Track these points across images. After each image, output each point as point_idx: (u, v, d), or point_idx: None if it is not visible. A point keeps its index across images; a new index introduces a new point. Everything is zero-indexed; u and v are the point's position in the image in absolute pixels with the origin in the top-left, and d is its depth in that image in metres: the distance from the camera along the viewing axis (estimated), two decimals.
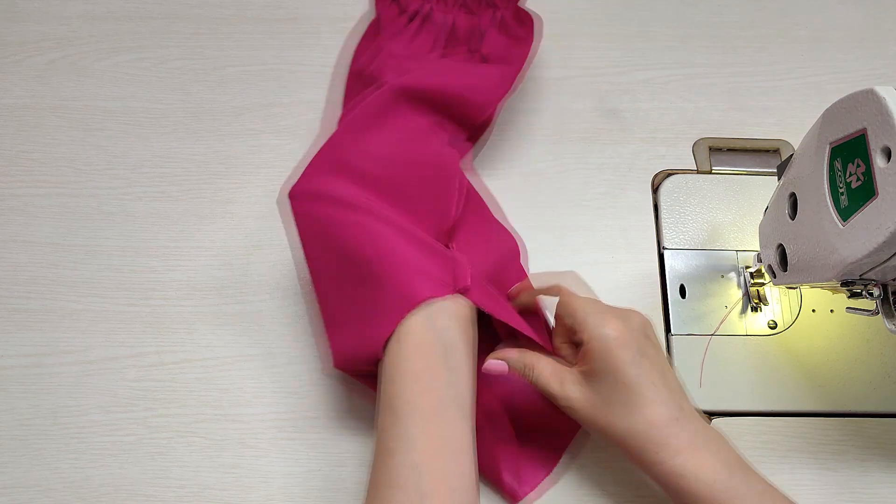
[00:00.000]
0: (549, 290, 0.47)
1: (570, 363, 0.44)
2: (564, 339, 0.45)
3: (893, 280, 0.40)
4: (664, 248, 0.56)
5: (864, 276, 0.39)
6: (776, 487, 0.41)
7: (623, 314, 0.43)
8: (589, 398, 0.42)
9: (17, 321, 0.53)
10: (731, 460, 0.41)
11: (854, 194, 0.37)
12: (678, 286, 0.55)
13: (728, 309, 0.54)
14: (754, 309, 0.54)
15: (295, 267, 0.55)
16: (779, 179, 0.47)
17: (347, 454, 0.50)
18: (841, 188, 0.38)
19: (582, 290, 0.49)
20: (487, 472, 0.48)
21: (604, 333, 0.42)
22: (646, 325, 0.44)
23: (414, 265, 0.43)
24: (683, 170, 0.59)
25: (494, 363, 0.45)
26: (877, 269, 0.38)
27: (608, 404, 0.42)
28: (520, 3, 0.59)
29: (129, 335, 0.53)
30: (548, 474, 0.49)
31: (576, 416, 0.43)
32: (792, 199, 0.44)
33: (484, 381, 0.46)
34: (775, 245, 0.47)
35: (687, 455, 0.40)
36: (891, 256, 0.36)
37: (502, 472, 0.48)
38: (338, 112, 0.58)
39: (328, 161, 0.48)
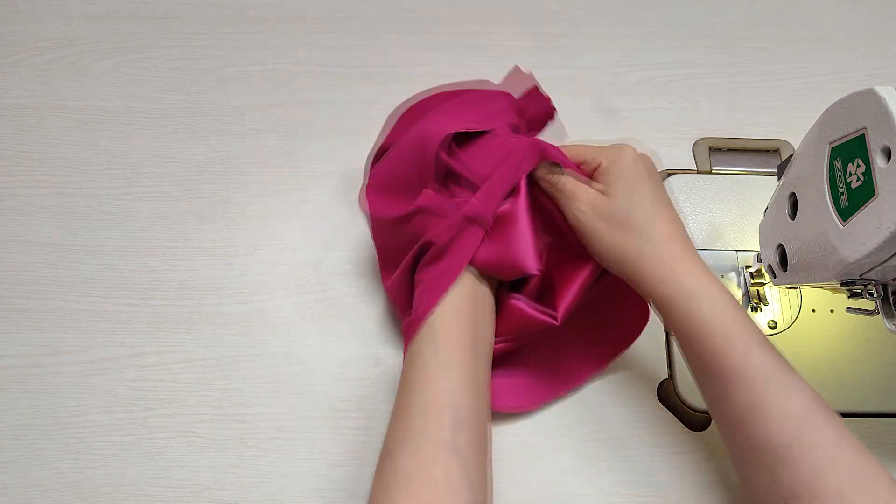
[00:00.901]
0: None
1: None
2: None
3: (893, 280, 0.40)
4: None
5: (864, 276, 0.39)
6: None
7: (629, 146, 0.45)
8: (605, 210, 0.43)
9: (17, 321, 0.53)
10: (740, 306, 0.41)
11: (854, 194, 0.37)
12: None
13: None
14: (754, 309, 0.54)
15: (295, 267, 0.55)
16: (779, 179, 0.47)
17: (347, 454, 0.50)
18: (841, 188, 0.38)
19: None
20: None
21: (622, 154, 0.44)
22: (648, 159, 0.46)
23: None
24: (683, 170, 0.59)
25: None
26: (877, 269, 0.38)
27: (624, 222, 0.43)
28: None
29: (129, 335, 0.53)
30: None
31: (588, 233, 0.44)
32: (792, 199, 0.44)
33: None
34: (775, 245, 0.47)
35: (701, 277, 0.41)
36: (891, 256, 0.36)
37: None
38: None
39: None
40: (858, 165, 0.37)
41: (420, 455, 0.38)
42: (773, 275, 0.48)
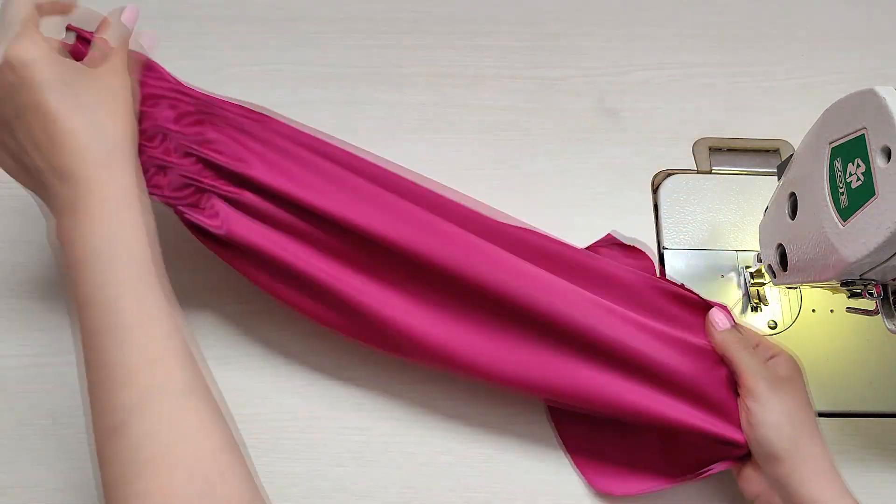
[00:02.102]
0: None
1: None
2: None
3: (893, 280, 0.40)
4: (664, 248, 0.56)
5: (864, 276, 0.39)
6: None
7: (780, 385, 0.44)
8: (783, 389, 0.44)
9: (17, 321, 0.53)
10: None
11: (854, 194, 0.37)
12: None
13: None
14: (754, 309, 0.54)
15: None
16: (779, 179, 0.47)
17: (347, 454, 0.50)
18: (841, 188, 0.38)
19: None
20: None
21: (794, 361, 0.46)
22: (795, 377, 0.46)
23: None
24: (683, 170, 0.59)
25: (720, 317, 0.47)
26: (877, 269, 0.38)
27: (801, 415, 0.44)
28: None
29: None
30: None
31: (764, 399, 0.44)
32: (792, 199, 0.44)
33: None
34: (775, 245, 0.47)
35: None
36: (891, 256, 0.36)
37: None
38: None
39: None
40: (858, 165, 0.37)
41: (164, 413, 0.34)
42: (773, 275, 0.48)
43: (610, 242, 0.55)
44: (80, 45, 0.43)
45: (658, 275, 0.54)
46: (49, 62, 0.38)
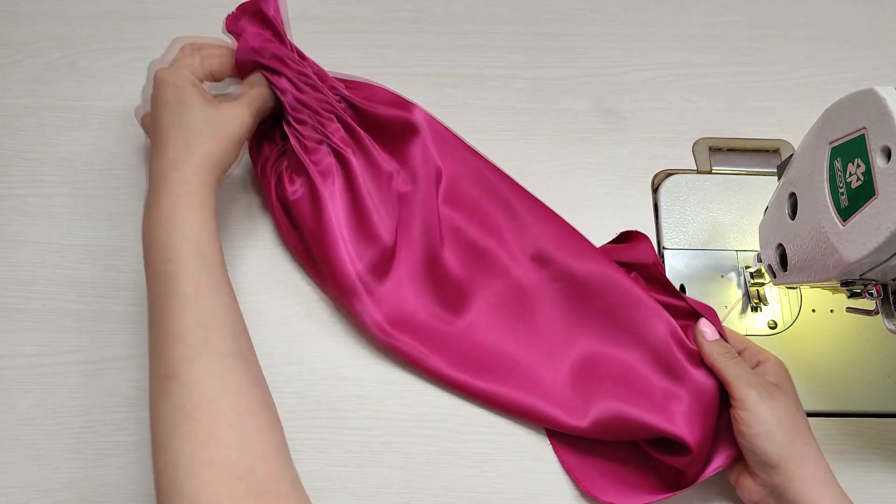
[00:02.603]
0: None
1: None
2: None
3: (893, 280, 0.40)
4: (664, 248, 0.56)
5: (864, 276, 0.39)
6: None
7: (770, 392, 0.45)
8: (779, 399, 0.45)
9: (17, 321, 0.53)
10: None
11: (854, 194, 0.37)
12: (678, 286, 0.55)
13: (728, 309, 0.54)
14: (754, 309, 0.54)
15: (294, 267, 0.55)
16: (779, 179, 0.47)
17: (347, 454, 0.50)
18: (841, 188, 0.38)
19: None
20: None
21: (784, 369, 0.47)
22: (784, 385, 0.46)
23: None
24: (683, 170, 0.59)
25: (708, 328, 0.48)
26: (877, 269, 0.38)
27: (792, 420, 0.44)
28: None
29: (129, 335, 0.53)
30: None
31: (757, 410, 0.44)
32: (792, 199, 0.44)
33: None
34: (775, 245, 0.47)
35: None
36: (891, 256, 0.36)
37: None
38: None
39: None
40: (858, 165, 0.37)
41: (211, 368, 0.39)
42: (773, 275, 0.48)
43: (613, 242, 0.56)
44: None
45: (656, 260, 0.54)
46: (176, 88, 0.47)
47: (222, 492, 0.35)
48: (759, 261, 0.52)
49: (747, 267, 0.55)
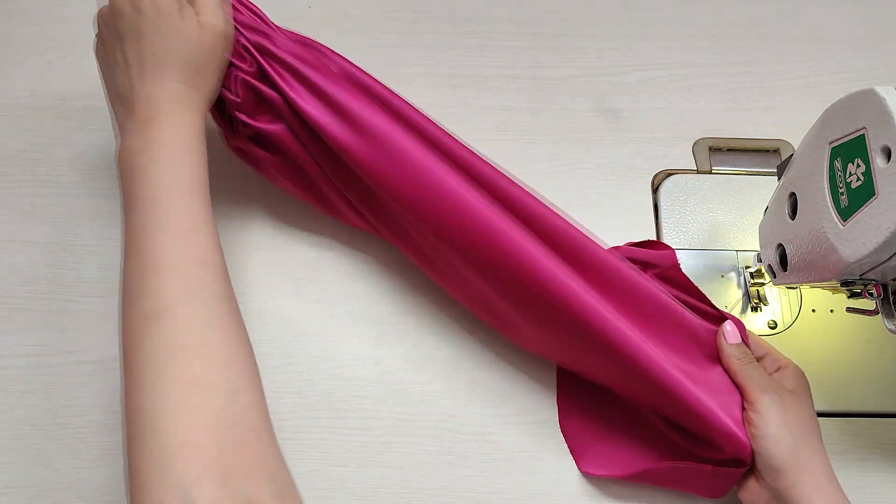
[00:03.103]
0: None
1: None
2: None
3: (893, 280, 0.40)
4: None
5: (864, 276, 0.39)
6: None
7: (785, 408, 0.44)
8: (792, 404, 0.45)
9: (17, 321, 0.53)
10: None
11: (854, 194, 0.37)
12: None
13: (728, 309, 0.54)
14: (754, 309, 0.54)
15: (294, 267, 0.55)
16: (779, 179, 0.47)
17: (347, 454, 0.50)
18: (841, 188, 0.38)
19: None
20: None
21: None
22: (800, 395, 0.46)
23: None
24: (683, 170, 0.59)
25: (732, 329, 0.47)
26: (877, 269, 0.38)
27: (805, 426, 0.44)
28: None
29: None
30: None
31: (771, 416, 0.44)
32: (792, 199, 0.44)
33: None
34: (775, 245, 0.47)
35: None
36: (891, 256, 0.36)
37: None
38: None
39: None
40: (858, 165, 0.37)
41: (204, 309, 0.37)
42: (773, 275, 0.48)
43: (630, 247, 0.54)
44: None
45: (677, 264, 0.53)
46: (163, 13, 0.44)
47: (210, 440, 0.33)
48: (759, 261, 0.52)
49: (747, 267, 0.55)
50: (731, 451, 0.44)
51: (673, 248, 0.53)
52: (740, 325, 0.48)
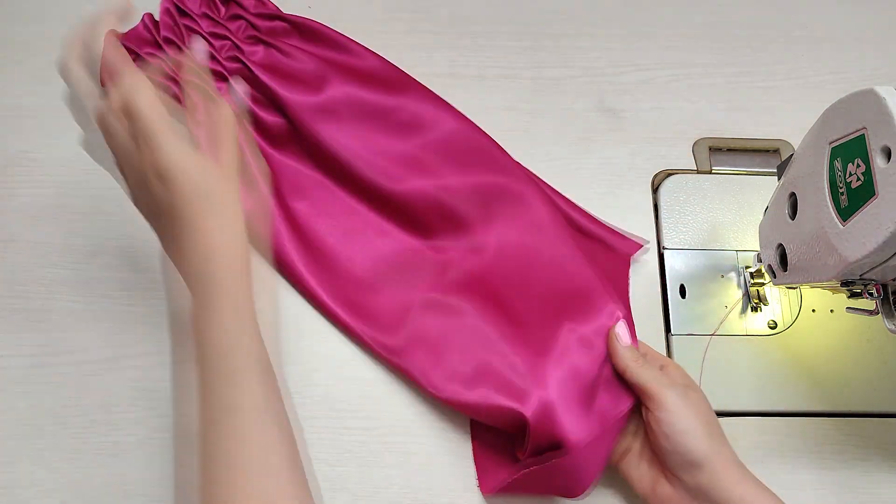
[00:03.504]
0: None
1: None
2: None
3: (893, 280, 0.40)
4: (664, 248, 0.56)
5: (864, 276, 0.40)
6: None
7: (685, 392, 0.45)
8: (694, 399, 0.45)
9: (17, 321, 0.53)
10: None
11: (854, 194, 0.37)
12: (678, 286, 0.55)
13: (728, 309, 0.54)
14: (754, 309, 0.54)
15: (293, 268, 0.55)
16: (779, 179, 0.47)
17: (347, 454, 0.50)
18: (841, 188, 0.38)
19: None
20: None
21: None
22: (689, 387, 0.46)
23: None
24: (683, 170, 0.59)
25: (623, 332, 0.47)
26: (877, 269, 0.38)
27: (709, 420, 0.44)
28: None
29: (129, 335, 0.53)
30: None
31: (677, 410, 0.44)
32: (792, 199, 0.44)
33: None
34: (775, 245, 0.47)
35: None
36: (891, 256, 0.36)
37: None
38: None
39: None
40: (858, 165, 0.37)
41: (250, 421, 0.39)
42: (773, 275, 0.48)
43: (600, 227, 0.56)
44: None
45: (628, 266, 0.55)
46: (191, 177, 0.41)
47: None
48: (759, 261, 0.52)
49: (747, 267, 0.55)
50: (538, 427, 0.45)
51: (643, 245, 0.54)
52: (630, 324, 0.48)
